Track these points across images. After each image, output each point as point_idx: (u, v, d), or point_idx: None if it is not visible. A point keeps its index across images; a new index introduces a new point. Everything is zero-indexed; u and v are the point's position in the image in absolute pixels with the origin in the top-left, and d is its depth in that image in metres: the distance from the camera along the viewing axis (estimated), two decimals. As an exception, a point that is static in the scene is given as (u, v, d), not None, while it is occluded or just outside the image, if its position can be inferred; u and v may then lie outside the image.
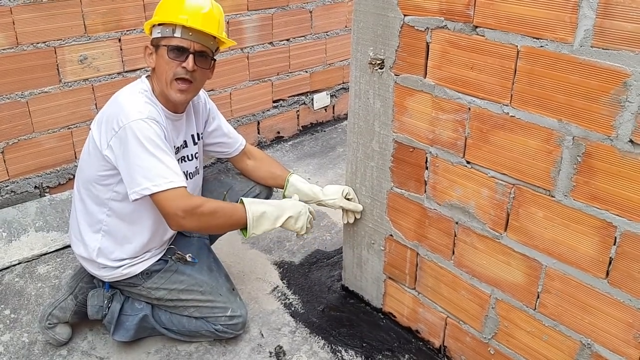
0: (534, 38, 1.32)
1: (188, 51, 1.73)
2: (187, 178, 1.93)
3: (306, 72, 3.58)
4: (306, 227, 1.89)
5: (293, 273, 2.37)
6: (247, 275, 2.35)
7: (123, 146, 1.67)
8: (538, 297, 1.53)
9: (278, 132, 3.58)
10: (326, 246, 2.56)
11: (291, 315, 2.13)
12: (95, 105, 2.71)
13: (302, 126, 3.71)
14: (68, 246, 2.41)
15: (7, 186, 2.58)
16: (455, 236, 1.70)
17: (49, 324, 1.92)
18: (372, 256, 2.03)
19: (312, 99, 3.69)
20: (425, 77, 1.61)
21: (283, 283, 2.31)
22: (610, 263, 1.34)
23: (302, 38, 3.46)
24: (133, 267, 1.87)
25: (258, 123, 3.44)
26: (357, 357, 1.93)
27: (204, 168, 2.23)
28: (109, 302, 1.91)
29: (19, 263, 2.38)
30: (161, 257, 1.93)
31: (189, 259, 1.94)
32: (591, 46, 1.23)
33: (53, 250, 2.46)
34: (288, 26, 3.34)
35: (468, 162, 1.58)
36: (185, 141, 1.93)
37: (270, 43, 3.30)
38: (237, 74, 3.21)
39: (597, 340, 1.42)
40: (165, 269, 1.92)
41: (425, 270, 1.85)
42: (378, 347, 1.97)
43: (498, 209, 1.54)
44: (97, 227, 1.85)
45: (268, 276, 2.35)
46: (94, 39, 2.62)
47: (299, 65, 3.51)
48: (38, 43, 2.48)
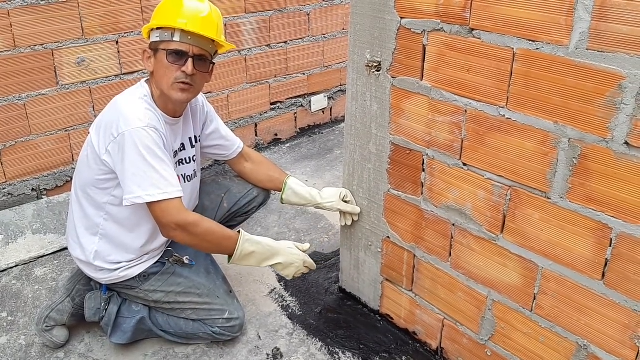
0: (530, 41, 1.33)
1: (187, 55, 1.73)
2: (185, 181, 1.93)
3: (304, 75, 3.58)
4: (294, 276, 1.94)
5: (290, 275, 2.38)
6: (245, 277, 2.35)
7: (121, 153, 1.67)
8: (534, 299, 1.53)
9: (275, 135, 3.57)
10: (324, 248, 2.56)
11: (288, 317, 2.13)
12: (92, 107, 2.71)
13: (300, 128, 3.71)
14: (65, 249, 2.41)
15: (4, 189, 2.58)
16: (452, 238, 1.70)
17: (46, 327, 1.92)
18: (370, 258, 2.04)
19: (310, 101, 3.69)
20: (422, 80, 1.62)
21: (280, 285, 2.31)
22: (606, 265, 1.34)
23: (300, 40, 3.46)
24: (130, 270, 1.87)
25: (255, 125, 3.44)
26: (355, 359, 1.94)
27: (202, 170, 2.23)
28: (107, 305, 1.91)
29: (16, 265, 2.37)
30: (159, 260, 1.93)
31: (187, 262, 1.94)
32: (587, 49, 1.23)
33: (50, 252, 2.45)
34: (286, 28, 3.34)
35: (464, 164, 1.59)
36: (183, 144, 1.93)
37: (267, 45, 3.30)
38: (235, 77, 3.21)
39: (594, 341, 1.43)
40: (162, 272, 1.92)
41: (422, 272, 1.85)
42: (375, 349, 1.97)
43: (494, 211, 1.55)
44: (95, 231, 1.85)
45: (265, 278, 2.34)
46: (92, 42, 2.62)
47: (297, 67, 3.51)
48: (35, 45, 2.48)
